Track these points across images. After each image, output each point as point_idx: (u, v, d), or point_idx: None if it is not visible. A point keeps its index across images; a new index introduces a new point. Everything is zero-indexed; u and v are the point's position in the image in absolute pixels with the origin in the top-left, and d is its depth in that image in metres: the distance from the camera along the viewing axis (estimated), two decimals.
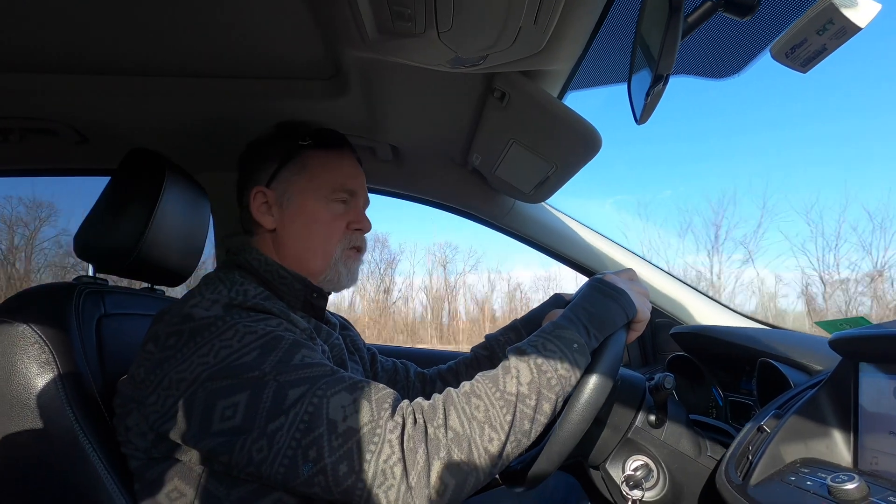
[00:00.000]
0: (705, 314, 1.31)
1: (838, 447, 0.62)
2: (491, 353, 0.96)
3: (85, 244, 0.82)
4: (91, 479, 0.63)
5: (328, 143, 0.83)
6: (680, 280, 1.35)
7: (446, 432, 0.57)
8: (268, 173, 0.81)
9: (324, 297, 0.82)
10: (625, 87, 0.73)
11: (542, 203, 1.33)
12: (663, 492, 0.75)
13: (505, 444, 0.58)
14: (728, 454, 0.70)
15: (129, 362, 0.67)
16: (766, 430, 0.68)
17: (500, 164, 1.07)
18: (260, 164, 0.82)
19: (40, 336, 0.66)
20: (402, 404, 0.60)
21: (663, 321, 1.33)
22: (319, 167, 0.81)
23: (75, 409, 0.65)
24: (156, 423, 0.61)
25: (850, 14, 0.53)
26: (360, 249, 0.84)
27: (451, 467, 0.56)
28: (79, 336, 0.70)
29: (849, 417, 0.63)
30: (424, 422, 0.58)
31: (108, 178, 0.85)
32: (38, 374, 0.64)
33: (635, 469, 0.75)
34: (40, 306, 0.69)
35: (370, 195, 0.91)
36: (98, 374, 0.71)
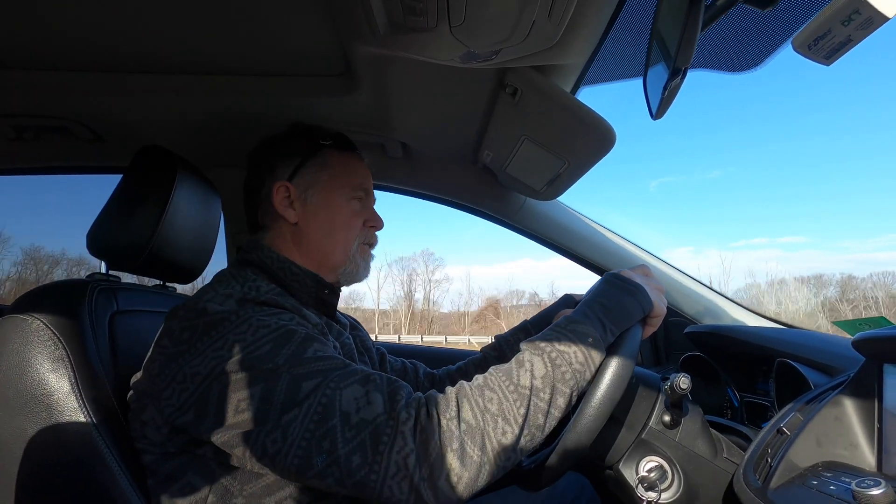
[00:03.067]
0: (720, 313, 1.29)
1: (862, 451, 0.61)
2: (500, 353, 0.95)
3: (97, 241, 0.83)
4: (105, 474, 0.63)
5: (345, 145, 0.87)
6: (694, 278, 1.33)
7: (459, 424, 0.56)
8: (289, 169, 0.81)
9: (335, 294, 0.82)
10: (640, 81, 0.72)
11: (554, 200, 1.31)
12: (678, 494, 0.73)
13: (519, 437, 0.57)
14: (746, 457, 0.68)
15: (142, 359, 0.67)
16: (785, 433, 0.66)
17: (512, 161, 1.05)
18: (280, 161, 0.82)
19: (54, 332, 0.66)
20: (414, 396, 0.60)
21: (677, 320, 1.31)
22: (340, 167, 0.84)
23: (89, 404, 0.65)
24: (171, 417, 0.61)
25: (878, 3, 0.51)
26: (372, 245, 0.87)
27: (464, 459, 0.55)
28: (92, 332, 0.70)
29: (873, 420, 0.61)
30: (437, 414, 0.57)
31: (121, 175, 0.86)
32: (52, 370, 0.65)
33: (649, 470, 0.74)
34: (54, 303, 0.70)
35: (380, 192, 0.91)
36: (111, 369, 0.71)
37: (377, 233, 0.88)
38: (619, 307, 0.66)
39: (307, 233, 0.80)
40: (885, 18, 0.52)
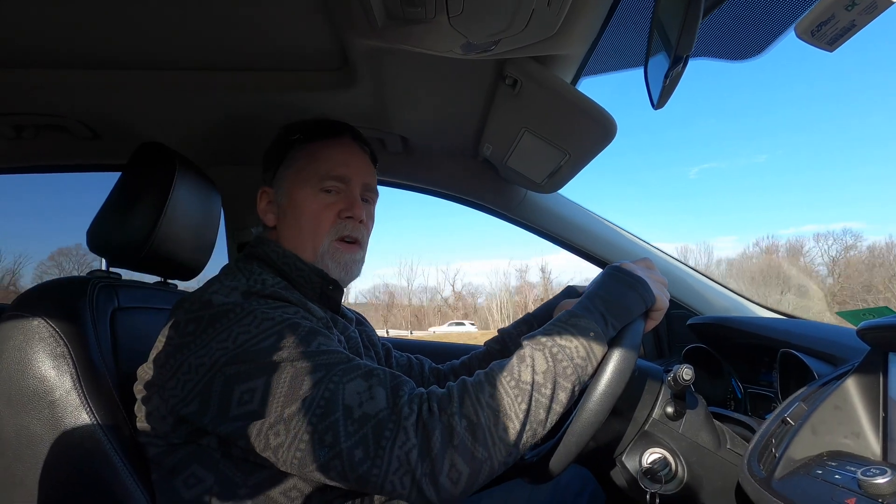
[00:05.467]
0: (722, 304, 1.29)
1: (867, 439, 0.60)
2: (503, 346, 0.95)
3: (98, 239, 0.83)
4: (108, 470, 0.63)
5: (319, 133, 0.82)
6: (696, 270, 1.32)
7: (460, 420, 0.56)
8: (270, 174, 0.83)
9: (339, 290, 0.81)
10: (641, 70, 0.71)
11: (555, 193, 1.30)
12: (682, 485, 0.73)
13: (520, 433, 0.57)
14: (751, 447, 0.68)
15: (143, 355, 0.67)
16: (790, 422, 0.66)
17: (512, 154, 1.05)
18: (266, 167, 0.84)
19: (55, 329, 0.66)
20: (417, 391, 0.60)
21: (679, 312, 1.31)
22: (306, 159, 0.80)
23: (91, 401, 0.65)
24: (176, 407, 0.61)
25: None
26: (349, 240, 0.80)
27: (465, 455, 0.55)
28: (93, 329, 0.70)
29: (878, 409, 0.60)
30: (439, 410, 0.57)
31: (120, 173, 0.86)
32: (54, 367, 0.65)
33: (653, 462, 0.74)
34: (55, 300, 0.70)
35: (380, 188, 0.90)
36: (112, 366, 0.71)
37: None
38: (621, 301, 0.66)
39: (282, 235, 0.80)
40: (888, 3, 0.51)
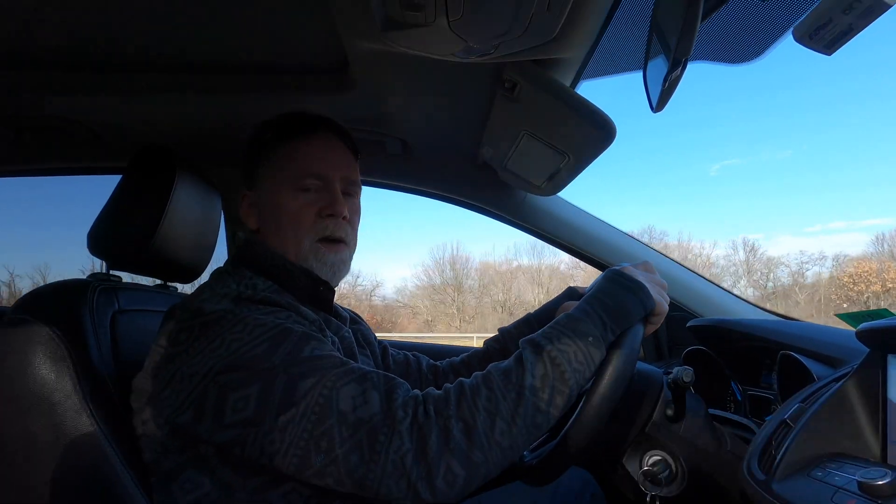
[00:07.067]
0: (722, 307, 1.29)
1: (866, 441, 0.60)
2: (503, 346, 0.95)
3: (98, 241, 0.83)
4: (108, 472, 0.63)
5: (294, 130, 0.79)
6: (696, 273, 1.33)
7: (457, 423, 0.56)
8: (249, 176, 0.81)
9: (331, 290, 0.81)
10: (640, 73, 0.72)
11: (555, 196, 1.31)
12: (682, 487, 0.73)
13: (516, 436, 0.57)
14: (751, 449, 0.68)
15: (144, 358, 0.67)
16: (790, 424, 0.66)
17: (511, 157, 1.05)
18: (245, 169, 0.82)
19: (55, 333, 0.66)
20: (412, 394, 0.60)
21: (679, 314, 1.31)
22: (284, 157, 0.77)
23: (91, 404, 0.65)
24: (170, 417, 0.61)
25: None
26: (333, 239, 0.77)
27: (461, 459, 0.55)
28: (93, 332, 0.70)
29: (877, 411, 0.61)
30: (434, 413, 0.57)
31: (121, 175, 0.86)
32: (54, 370, 0.65)
33: (653, 464, 0.74)
34: (55, 303, 0.70)
35: (377, 189, 0.90)
36: (113, 369, 0.71)
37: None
38: (621, 306, 0.66)
39: (265, 237, 0.78)
40: (886, 6, 0.51)
